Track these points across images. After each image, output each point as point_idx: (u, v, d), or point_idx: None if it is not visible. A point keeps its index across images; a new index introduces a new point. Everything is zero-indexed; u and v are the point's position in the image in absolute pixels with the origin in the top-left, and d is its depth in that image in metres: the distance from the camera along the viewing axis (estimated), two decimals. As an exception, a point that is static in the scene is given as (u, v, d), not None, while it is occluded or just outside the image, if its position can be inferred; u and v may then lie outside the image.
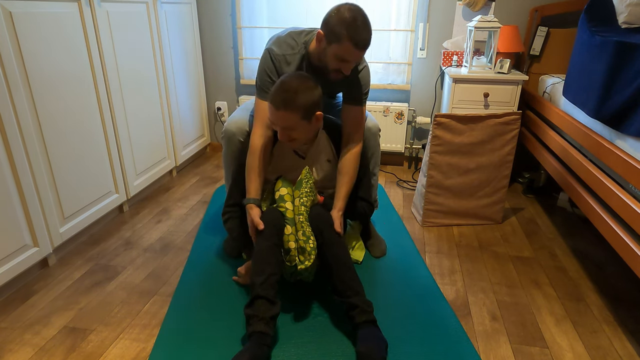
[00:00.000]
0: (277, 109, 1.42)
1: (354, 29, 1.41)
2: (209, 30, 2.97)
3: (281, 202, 1.52)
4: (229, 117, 1.84)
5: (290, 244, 1.45)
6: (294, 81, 1.43)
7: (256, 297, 1.33)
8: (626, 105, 1.48)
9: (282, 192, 1.54)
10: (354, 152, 1.63)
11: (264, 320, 1.30)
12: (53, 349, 1.37)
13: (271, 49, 1.59)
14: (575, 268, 1.85)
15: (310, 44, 1.60)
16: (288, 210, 1.50)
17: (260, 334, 1.29)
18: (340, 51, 1.45)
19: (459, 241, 2.06)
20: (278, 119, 1.44)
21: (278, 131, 1.49)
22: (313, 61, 1.61)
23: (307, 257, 1.43)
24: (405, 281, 1.72)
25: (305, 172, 1.56)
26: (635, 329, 1.50)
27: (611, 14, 1.88)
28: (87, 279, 1.72)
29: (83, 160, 1.92)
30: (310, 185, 1.55)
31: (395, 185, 2.71)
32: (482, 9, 2.61)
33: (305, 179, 1.55)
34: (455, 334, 1.45)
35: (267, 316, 1.31)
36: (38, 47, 1.64)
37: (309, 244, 1.44)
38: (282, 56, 1.59)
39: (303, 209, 1.50)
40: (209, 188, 2.61)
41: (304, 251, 1.44)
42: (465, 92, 2.44)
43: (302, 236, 1.45)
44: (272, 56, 1.59)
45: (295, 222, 1.48)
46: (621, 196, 1.43)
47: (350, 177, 1.62)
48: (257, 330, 1.29)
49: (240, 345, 1.38)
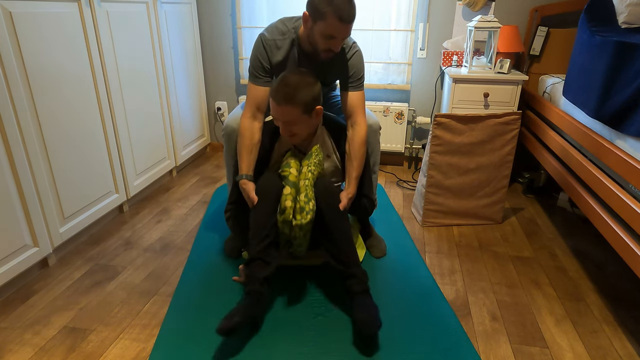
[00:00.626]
0: (278, 104, 1.46)
1: (337, 4, 1.44)
2: (209, 30, 2.97)
3: (286, 167, 1.55)
4: (230, 114, 1.85)
5: (287, 203, 1.47)
6: (294, 77, 1.48)
7: (253, 259, 1.46)
8: (626, 105, 1.48)
9: (289, 160, 1.57)
10: (360, 136, 1.65)
11: (259, 281, 1.42)
12: (53, 349, 1.37)
13: (263, 35, 1.64)
14: (575, 268, 1.85)
15: (299, 29, 1.63)
16: (291, 175, 1.52)
17: (255, 292, 1.40)
18: (327, 28, 1.47)
19: (459, 241, 2.06)
20: (280, 113, 1.48)
21: (280, 126, 1.53)
22: (303, 45, 1.63)
23: (304, 217, 1.46)
24: (405, 281, 1.72)
25: (316, 147, 1.61)
26: (635, 329, 1.50)
27: (611, 14, 1.88)
28: (87, 279, 1.72)
29: (83, 160, 1.92)
30: (319, 159, 1.59)
31: (395, 185, 2.71)
32: (482, 9, 2.61)
33: (315, 153, 1.59)
34: (455, 334, 1.45)
35: (261, 276, 1.43)
36: (38, 47, 1.64)
37: (309, 205, 1.47)
38: (273, 41, 1.63)
39: (310, 175, 1.53)
40: (209, 188, 2.61)
41: (302, 210, 1.46)
42: (465, 92, 2.44)
43: (304, 197, 1.47)
44: (263, 41, 1.63)
45: (300, 185, 1.50)
46: (621, 196, 1.43)
47: (359, 161, 1.65)
48: (252, 289, 1.41)
49: (240, 345, 1.38)
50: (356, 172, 1.64)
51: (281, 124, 1.52)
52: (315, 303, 1.58)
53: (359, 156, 1.64)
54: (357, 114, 1.67)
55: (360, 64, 1.68)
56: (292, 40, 1.64)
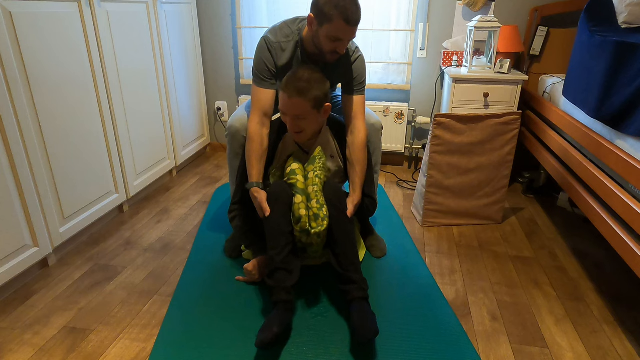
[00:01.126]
0: (290, 97, 1.48)
1: (344, 6, 1.44)
2: (209, 30, 2.97)
3: (292, 174, 1.55)
4: (233, 114, 1.85)
5: (301, 212, 1.47)
6: (306, 72, 1.51)
7: (275, 269, 1.45)
8: (626, 105, 1.48)
9: (293, 166, 1.57)
10: (360, 140, 1.66)
11: (285, 289, 1.42)
12: (53, 349, 1.37)
13: (267, 37, 1.64)
14: (575, 268, 1.85)
15: (303, 30, 1.63)
16: (299, 182, 1.52)
17: (284, 302, 1.41)
18: (333, 30, 1.47)
19: (459, 241, 2.06)
20: (290, 107, 1.49)
21: (288, 122, 1.54)
22: (307, 47, 1.63)
23: (320, 223, 1.47)
24: (405, 281, 1.72)
25: (319, 151, 1.61)
26: (635, 329, 1.50)
27: (611, 14, 1.88)
28: (87, 279, 1.72)
29: (83, 160, 1.92)
30: (323, 162, 1.59)
31: (395, 185, 2.71)
32: (482, 9, 2.61)
33: (318, 157, 1.60)
34: (455, 334, 1.45)
35: (288, 285, 1.43)
36: (38, 47, 1.64)
37: (323, 211, 1.48)
38: (277, 43, 1.63)
39: (318, 180, 1.53)
40: (209, 188, 2.61)
41: (317, 217, 1.47)
42: (465, 92, 2.44)
43: (316, 204, 1.48)
44: (268, 44, 1.63)
45: (309, 192, 1.51)
46: (621, 196, 1.43)
47: (362, 166, 1.66)
48: (280, 299, 1.41)
49: (241, 344, 1.38)
50: (359, 178, 1.65)
51: (290, 119, 1.52)
52: (315, 303, 1.58)
53: (361, 162, 1.65)
54: (358, 119, 1.68)
55: (363, 69, 1.69)
56: (296, 42, 1.64)
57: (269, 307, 1.55)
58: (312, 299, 1.60)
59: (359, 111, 1.69)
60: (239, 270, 1.77)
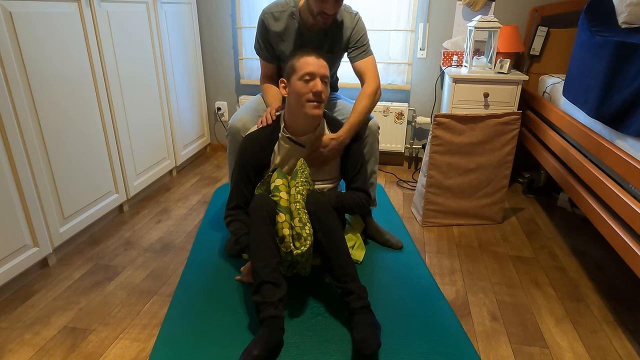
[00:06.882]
0: (317, 57, 1.54)
1: None
2: (209, 30, 2.97)
3: (276, 191, 1.54)
4: (234, 114, 1.86)
5: (284, 231, 1.46)
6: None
7: (261, 283, 1.37)
8: (626, 105, 1.48)
9: (277, 182, 1.56)
10: (365, 91, 1.74)
11: (273, 304, 1.34)
12: (53, 349, 1.37)
13: (264, 9, 1.77)
14: (575, 268, 1.85)
15: (300, 2, 1.73)
16: (282, 199, 1.51)
17: (272, 318, 1.32)
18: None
19: (459, 241, 2.06)
20: (320, 66, 1.54)
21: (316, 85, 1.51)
22: (304, 16, 1.73)
23: (303, 243, 1.45)
24: (405, 281, 1.72)
25: (301, 163, 1.61)
26: (635, 329, 1.50)
27: (611, 14, 1.88)
28: (87, 279, 1.72)
29: (83, 160, 1.92)
30: (305, 175, 1.59)
31: (395, 185, 2.71)
32: (482, 9, 2.61)
33: (300, 170, 1.59)
34: (455, 334, 1.45)
35: (275, 299, 1.35)
36: (38, 47, 1.64)
37: (305, 230, 1.46)
38: (270, 13, 1.75)
39: (299, 197, 1.52)
40: (209, 188, 2.61)
41: (299, 237, 1.46)
42: (465, 92, 2.44)
43: (298, 222, 1.47)
44: (262, 15, 1.77)
45: (292, 209, 1.50)
46: (621, 196, 1.43)
47: (360, 110, 1.71)
48: (268, 315, 1.32)
49: (240, 344, 1.38)
50: (353, 118, 1.70)
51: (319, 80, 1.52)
52: (315, 303, 1.58)
53: (361, 106, 1.71)
54: (367, 77, 1.78)
55: (364, 30, 1.79)
56: (291, 12, 1.73)
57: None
58: (312, 298, 1.60)
59: (370, 70, 1.78)
60: (239, 270, 1.77)
